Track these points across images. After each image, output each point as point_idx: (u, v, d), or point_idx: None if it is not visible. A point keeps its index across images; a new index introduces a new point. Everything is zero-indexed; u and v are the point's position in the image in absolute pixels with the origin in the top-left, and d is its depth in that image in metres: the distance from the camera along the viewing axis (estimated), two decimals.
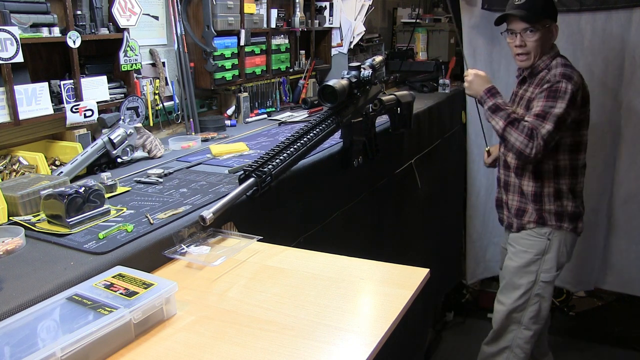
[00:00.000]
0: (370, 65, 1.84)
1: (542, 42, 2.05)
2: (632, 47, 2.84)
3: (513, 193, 2.26)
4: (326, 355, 0.87)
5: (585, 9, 2.89)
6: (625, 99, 2.93)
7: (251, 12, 2.43)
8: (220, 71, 2.31)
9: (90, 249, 1.12)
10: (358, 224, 2.12)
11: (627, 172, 3.02)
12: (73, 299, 0.95)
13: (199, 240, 1.28)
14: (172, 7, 2.12)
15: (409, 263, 1.14)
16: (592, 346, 3.31)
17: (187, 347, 0.91)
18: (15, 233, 1.18)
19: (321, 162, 1.80)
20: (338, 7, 2.99)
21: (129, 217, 1.30)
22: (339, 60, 3.08)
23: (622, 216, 3.10)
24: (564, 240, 2.20)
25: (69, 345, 0.81)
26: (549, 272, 2.20)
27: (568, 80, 1.97)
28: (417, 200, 2.73)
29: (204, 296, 1.07)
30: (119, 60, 1.86)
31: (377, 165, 2.17)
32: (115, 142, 1.72)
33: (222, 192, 1.45)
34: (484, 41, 3.20)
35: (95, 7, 1.77)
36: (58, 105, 1.69)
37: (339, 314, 0.98)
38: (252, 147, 1.97)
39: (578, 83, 1.99)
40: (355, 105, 1.81)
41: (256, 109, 2.60)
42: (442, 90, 3.35)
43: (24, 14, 1.57)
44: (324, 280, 1.11)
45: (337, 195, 1.95)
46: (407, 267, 1.13)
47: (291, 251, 1.27)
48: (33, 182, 1.38)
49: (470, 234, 3.57)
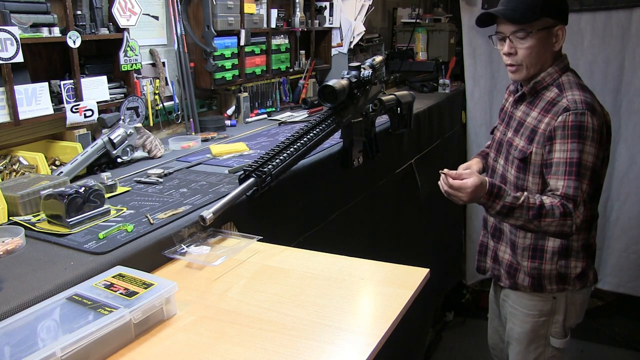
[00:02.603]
0: (370, 65, 1.84)
1: (539, 50, 1.58)
2: (632, 47, 2.84)
3: (505, 244, 1.80)
4: (326, 355, 0.87)
5: (585, 9, 2.89)
6: (625, 99, 2.93)
7: (251, 12, 2.43)
8: (220, 71, 2.31)
9: (90, 249, 1.12)
10: (358, 224, 2.12)
11: (627, 172, 3.02)
12: (73, 299, 0.95)
13: (199, 240, 1.28)
14: (172, 7, 2.12)
15: (409, 263, 1.14)
16: (592, 346, 3.30)
17: (187, 347, 0.91)
18: (15, 233, 1.18)
19: (321, 162, 1.80)
20: (338, 7, 2.99)
21: (129, 217, 1.30)
22: (339, 60, 3.08)
23: (621, 216, 3.10)
24: (571, 300, 1.75)
25: (69, 345, 0.81)
26: (560, 337, 1.78)
27: (592, 112, 1.51)
28: (417, 200, 2.73)
29: (204, 296, 1.07)
30: (119, 60, 1.86)
31: (377, 165, 2.17)
32: (115, 142, 1.72)
33: (222, 192, 1.45)
34: (484, 41, 3.20)
35: (95, 7, 1.77)
36: (58, 105, 1.69)
37: (339, 314, 0.98)
38: (252, 147, 1.97)
39: (602, 114, 1.56)
40: (355, 105, 1.81)
41: (256, 109, 2.60)
42: (442, 90, 3.35)
43: (24, 14, 1.57)
44: (324, 280, 1.11)
45: (337, 195, 1.95)
46: (407, 267, 1.13)
47: (291, 251, 1.27)
48: (33, 182, 1.38)
49: (470, 234, 3.57)
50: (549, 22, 1.57)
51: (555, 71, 1.62)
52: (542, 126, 1.59)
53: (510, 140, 1.71)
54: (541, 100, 1.63)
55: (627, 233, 3.11)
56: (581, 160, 1.50)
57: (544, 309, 1.75)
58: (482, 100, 3.34)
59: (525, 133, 1.64)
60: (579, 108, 1.52)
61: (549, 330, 1.77)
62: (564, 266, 1.69)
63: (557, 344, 1.78)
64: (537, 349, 1.81)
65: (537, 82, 1.64)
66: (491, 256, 1.87)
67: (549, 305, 1.75)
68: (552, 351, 1.79)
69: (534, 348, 1.81)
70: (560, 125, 1.53)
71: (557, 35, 1.59)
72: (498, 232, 1.82)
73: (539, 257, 1.70)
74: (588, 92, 1.59)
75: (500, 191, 1.52)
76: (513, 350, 1.87)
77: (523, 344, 1.82)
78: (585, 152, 1.51)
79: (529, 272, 1.72)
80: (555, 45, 1.60)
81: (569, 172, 1.51)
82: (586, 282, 1.73)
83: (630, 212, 3.06)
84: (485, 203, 1.53)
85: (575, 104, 1.53)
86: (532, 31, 1.56)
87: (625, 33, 2.83)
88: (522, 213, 1.51)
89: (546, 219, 1.50)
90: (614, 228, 3.15)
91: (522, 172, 1.65)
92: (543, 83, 1.63)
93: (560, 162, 1.53)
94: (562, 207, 1.49)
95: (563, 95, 1.57)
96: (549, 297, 1.74)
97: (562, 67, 1.64)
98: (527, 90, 1.66)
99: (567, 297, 1.73)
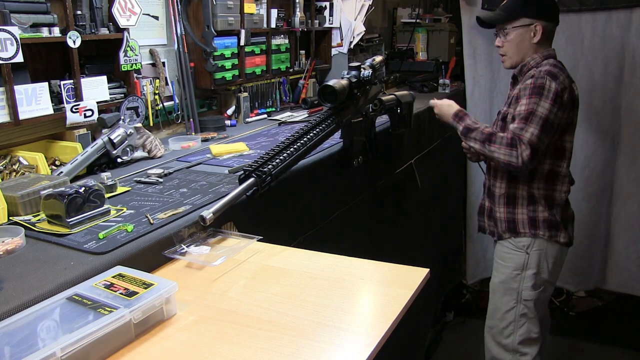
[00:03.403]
0: (370, 65, 1.84)
1: (519, 42, 1.98)
2: (632, 47, 2.83)
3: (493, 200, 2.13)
4: (326, 355, 0.87)
5: (585, 9, 2.89)
6: (625, 99, 2.92)
7: (251, 12, 2.43)
8: (220, 71, 2.31)
9: (90, 249, 1.12)
10: (358, 224, 2.12)
11: (627, 172, 3.02)
12: (73, 299, 0.95)
13: (199, 240, 1.28)
14: (172, 7, 2.12)
15: (409, 263, 1.14)
16: (592, 346, 3.30)
17: (187, 347, 0.91)
18: (15, 233, 1.18)
19: (321, 162, 1.80)
20: (338, 7, 2.99)
21: (129, 217, 1.30)
22: (339, 60, 3.08)
23: (622, 216, 3.10)
24: (544, 254, 2.03)
25: (69, 345, 0.81)
26: (531, 290, 2.04)
27: (553, 78, 1.86)
28: (417, 200, 2.73)
29: (204, 296, 1.07)
30: (119, 60, 1.86)
31: (377, 165, 2.17)
32: (115, 142, 1.72)
33: (222, 192, 1.45)
34: (484, 41, 3.20)
35: (95, 7, 1.77)
36: (58, 105, 1.69)
37: (339, 314, 0.98)
38: (252, 147, 1.97)
39: (565, 83, 1.88)
40: (355, 105, 1.81)
41: (256, 109, 2.60)
42: (442, 90, 3.35)
43: (24, 14, 1.57)
44: (324, 280, 1.11)
45: (337, 195, 1.95)
46: (407, 267, 1.13)
47: (291, 251, 1.27)
48: (33, 182, 1.38)
49: (470, 234, 3.57)
50: (527, 21, 1.96)
51: (539, 57, 1.98)
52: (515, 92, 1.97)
53: (505, 112, 2.04)
54: (526, 77, 1.98)
55: (627, 233, 3.10)
56: (535, 110, 1.83)
57: (518, 262, 2.05)
58: (482, 100, 3.34)
59: (514, 102, 1.98)
60: (541, 75, 1.88)
61: (521, 285, 2.05)
62: (532, 210, 2.01)
63: (528, 295, 2.05)
64: (509, 302, 2.08)
65: (524, 65, 2.02)
66: (487, 214, 2.17)
67: (522, 259, 2.04)
68: (524, 309, 2.06)
69: (507, 300, 2.09)
70: (523, 87, 1.91)
71: (535, 30, 1.96)
72: (489, 190, 2.15)
73: (512, 203, 2.04)
74: (558, 68, 1.91)
75: (465, 116, 2.00)
76: (490, 300, 2.18)
77: (497, 294, 2.12)
78: (539, 105, 1.83)
79: (505, 218, 2.05)
80: (534, 38, 1.97)
81: (521, 117, 1.84)
82: (556, 234, 2.01)
83: (630, 212, 3.06)
84: (452, 123, 2.01)
85: (540, 72, 1.89)
86: (510, 28, 1.98)
87: (625, 33, 2.83)
88: (477, 135, 1.91)
89: (495, 144, 1.85)
90: (614, 228, 3.15)
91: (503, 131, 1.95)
92: (528, 66, 2.00)
93: (519, 114, 1.86)
94: (510, 139, 1.82)
95: (536, 71, 1.92)
96: (522, 252, 2.04)
97: (546, 55, 1.98)
98: (517, 71, 2.06)
99: (540, 251, 2.02)
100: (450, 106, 2.04)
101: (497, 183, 2.08)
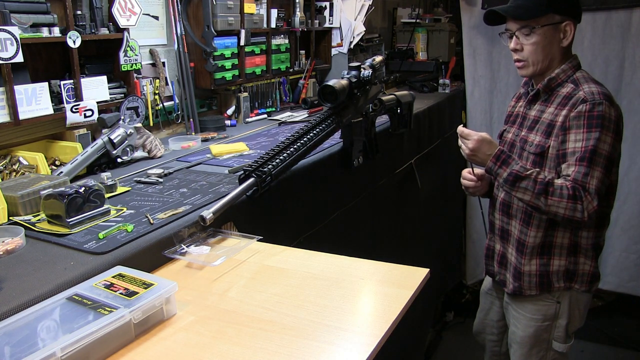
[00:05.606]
0: (370, 65, 1.84)
1: (545, 46, 1.56)
2: (632, 47, 2.84)
3: (512, 246, 1.73)
4: (326, 355, 0.87)
5: (585, 9, 2.87)
6: (625, 99, 2.92)
7: (251, 12, 2.43)
8: (220, 71, 2.31)
9: (90, 249, 1.12)
10: (358, 224, 2.12)
11: (627, 172, 3.02)
12: (73, 299, 0.95)
13: (199, 240, 1.28)
14: (172, 7, 2.12)
15: (409, 263, 1.14)
16: (592, 346, 3.30)
17: (187, 347, 0.91)
18: (15, 233, 1.18)
19: (321, 162, 1.80)
20: (338, 7, 2.99)
21: (129, 217, 1.30)
22: (339, 60, 3.08)
23: (621, 216, 3.10)
24: (575, 302, 1.70)
25: (69, 345, 0.81)
26: (562, 343, 1.74)
27: (611, 103, 1.50)
28: (417, 200, 2.73)
29: (204, 296, 1.07)
30: (119, 60, 1.86)
31: (377, 165, 2.17)
32: (115, 142, 1.72)
33: (222, 192, 1.45)
34: (484, 41, 3.20)
35: (95, 7, 1.77)
36: (58, 105, 1.69)
37: (339, 314, 0.98)
38: (252, 147, 1.97)
39: (619, 108, 1.56)
40: (355, 105, 1.81)
41: (256, 109, 2.60)
42: (442, 90, 3.35)
43: (24, 14, 1.57)
44: (324, 280, 1.11)
45: (337, 195, 1.95)
46: (407, 267, 1.13)
47: (291, 251, 1.27)
48: (33, 182, 1.38)
49: (470, 234, 3.57)
50: (555, 18, 1.55)
51: (569, 68, 1.60)
52: (559, 119, 1.55)
53: (525, 137, 1.66)
54: (557, 96, 1.60)
55: (627, 233, 3.10)
56: (596, 148, 1.47)
57: (548, 313, 1.71)
58: (482, 100, 3.34)
59: (542, 128, 1.60)
60: (597, 99, 1.50)
61: (552, 334, 1.74)
62: (573, 262, 1.65)
63: (559, 347, 1.75)
64: (539, 353, 1.78)
65: (552, 79, 1.61)
66: (497, 260, 1.82)
67: (552, 309, 1.71)
68: (554, 355, 1.77)
69: (536, 352, 1.78)
70: (576, 115, 1.51)
71: (565, 31, 1.57)
72: (505, 233, 1.76)
73: (547, 253, 1.65)
74: (604, 87, 1.57)
75: (509, 159, 1.53)
76: (515, 353, 1.84)
77: (525, 348, 1.79)
78: (601, 140, 1.47)
79: (538, 271, 1.67)
80: (564, 41, 1.58)
81: (581, 158, 1.47)
82: (592, 285, 1.68)
83: (630, 212, 3.06)
84: (492, 168, 1.54)
85: (592, 95, 1.51)
86: (537, 27, 1.55)
87: (625, 33, 2.83)
88: (529, 185, 1.48)
89: (553, 197, 1.46)
90: (614, 228, 3.14)
91: (538, 167, 1.59)
92: (558, 80, 1.60)
93: (575, 151, 1.49)
94: (572, 189, 1.45)
95: (579, 89, 1.54)
96: (553, 301, 1.70)
97: (576, 65, 1.62)
98: (542, 87, 1.63)
99: (572, 300, 1.69)
100: (491, 144, 1.57)
101: (530, 232, 1.65)
